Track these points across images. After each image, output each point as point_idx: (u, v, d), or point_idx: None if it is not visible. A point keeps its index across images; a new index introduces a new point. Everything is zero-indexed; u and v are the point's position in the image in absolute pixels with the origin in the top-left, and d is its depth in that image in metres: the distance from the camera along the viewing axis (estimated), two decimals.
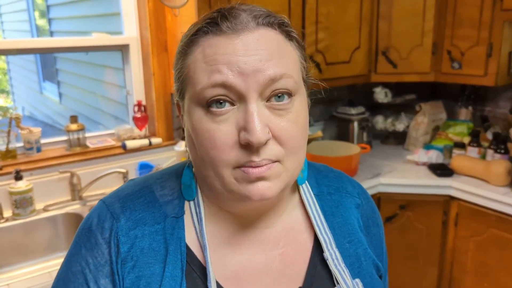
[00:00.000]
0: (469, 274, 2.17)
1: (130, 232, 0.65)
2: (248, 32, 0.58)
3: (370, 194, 2.16)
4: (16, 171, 1.75)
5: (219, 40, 0.58)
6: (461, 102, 2.69)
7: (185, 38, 0.63)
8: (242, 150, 0.58)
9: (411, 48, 2.37)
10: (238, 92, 0.57)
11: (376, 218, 0.81)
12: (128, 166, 2.02)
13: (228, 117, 0.58)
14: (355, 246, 0.72)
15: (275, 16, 0.61)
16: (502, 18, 2.10)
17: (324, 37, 2.16)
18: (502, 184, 2.08)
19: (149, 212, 0.66)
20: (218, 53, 0.57)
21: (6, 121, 1.86)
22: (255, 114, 0.56)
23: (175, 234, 0.65)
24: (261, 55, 0.57)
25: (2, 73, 6.52)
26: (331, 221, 0.73)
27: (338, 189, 0.77)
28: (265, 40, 0.58)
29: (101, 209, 0.67)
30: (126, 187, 0.70)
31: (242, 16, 0.59)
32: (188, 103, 0.61)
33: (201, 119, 0.59)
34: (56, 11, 4.12)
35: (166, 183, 0.70)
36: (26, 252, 1.76)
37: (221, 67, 0.57)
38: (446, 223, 2.22)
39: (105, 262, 0.64)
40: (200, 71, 0.58)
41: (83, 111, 3.65)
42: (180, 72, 0.62)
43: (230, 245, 0.68)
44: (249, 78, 0.56)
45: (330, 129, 2.69)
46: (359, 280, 0.69)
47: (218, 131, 0.58)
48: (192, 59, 0.60)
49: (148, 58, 2.08)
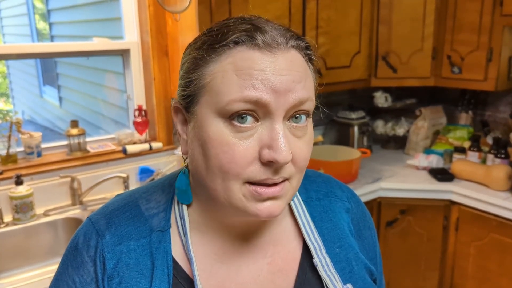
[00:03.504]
0: (470, 279, 2.17)
1: (116, 248, 0.64)
2: (282, 52, 0.58)
3: (371, 199, 2.18)
4: (17, 175, 1.75)
5: (253, 54, 0.56)
6: (461, 107, 2.69)
7: (204, 44, 0.60)
8: (260, 167, 0.57)
9: (411, 52, 2.38)
10: (268, 109, 0.56)
11: (367, 221, 0.81)
12: (129, 171, 2.02)
13: (252, 133, 0.57)
14: (346, 250, 0.72)
15: (303, 39, 0.61)
16: (502, 23, 2.11)
17: (324, 42, 2.17)
18: (503, 189, 2.08)
19: (134, 227, 0.66)
20: (253, 68, 0.56)
21: (6, 125, 1.87)
22: (282, 134, 0.57)
23: (161, 248, 0.65)
24: (294, 76, 0.57)
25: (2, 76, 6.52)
26: (320, 227, 0.73)
27: (326, 194, 0.77)
28: (297, 62, 0.59)
29: (87, 227, 0.68)
30: (112, 203, 0.70)
31: (273, 33, 0.58)
32: (203, 112, 0.59)
33: (221, 131, 0.57)
34: (56, 15, 4.13)
35: (152, 197, 0.70)
36: (26, 256, 1.76)
37: (256, 83, 0.55)
38: (447, 228, 2.22)
39: (91, 280, 0.64)
40: (230, 82, 0.56)
41: (83, 116, 3.64)
42: (198, 79, 0.59)
43: (218, 255, 0.67)
44: (280, 97, 0.56)
45: (330, 134, 2.69)
46: (351, 285, 0.69)
47: (239, 146, 0.57)
48: (218, 68, 0.58)
49: (149, 62, 2.08)
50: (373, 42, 2.39)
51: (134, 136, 2.14)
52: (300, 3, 2.04)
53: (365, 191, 2.16)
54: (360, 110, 2.64)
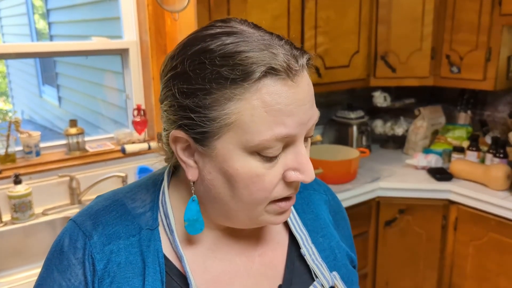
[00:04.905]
0: (468, 279, 2.17)
1: (105, 248, 0.63)
2: (300, 77, 0.57)
3: (369, 198, 2.19)
4: (15, 175, 1.75)
5: (280, 89, 0.55)
6: (460, 106, 2.69)
7: (221, 78, 0.55)
8: (284, 186, 0.61)
9: (410, 52, 2.38)
10: (293, 139, 0.58)
11: (343, 212, 0.85)
12: (127, 170, 2.02)
13: (277, 160, 0.59)
14: (328, 239, 0.75)
15: (306, 52, 0.60)
16: (501, 23, 2.11)
17: (323, 42, 2.17)
18: (501, 188, 2.08)
19: (123, 226, 0.65)
20: (281, 103, 0.55)
21: (5, 125, 1.86)
22: (306, 156, 0.60)
23: (152, 246, 0.64)
24: (310, 101, 0.59)
25: (2, 76, 6.52)
26: (303, 218, 0.76)
27: (305, 187, 0.80)
28: (310, 84, 0.60)
29: (72, 229, 0.66)
30: (96, 203, 0.69)
31: (285, 54, 0.56)
32: (226, 147, 0.57)
33: (250, 165, 0.57)
34: (56, 15, 4.13)
35: (137, 196, 0.69)
36: (25, 256, 1.76)
37: (285, 120, 0.56)
38: (446, 227, 2.22)
39: (79, 283, 0.63)
40: (259, 120, 0.55)
41: (82, 115, 3.64)
42: (221, 118, 0.56)
43: (211, 250, 0.68)
44: (304, 126, 0.58)
45: (329, 133, 2.70)
46: (336, 273, 0.72)
47: (268, 175, 0.58)
48: (245, 105, 0.55)
49: (148, 62, 2.08)
50: (372, 42, 2.39)
51: (133, 135, 2.14)
52: (299, 3, 2.04)
53: (364, 191, 2.16)
54: (359, 109, 2.64)
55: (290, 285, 0.69)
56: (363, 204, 2.18)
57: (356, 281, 0.76)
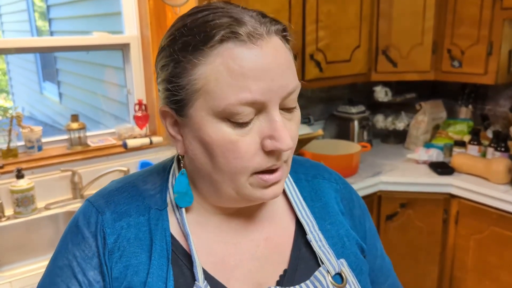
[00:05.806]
0: (470, 272, 2.17)
1: (116, 224, 0.67)
2: (266, 41, 0.58)
3: (371, 192, 2.19)
4: (18, 169, 1.75)
5: (242, 52, 0.56)
6: (461, 101, 2.69)
7: (187, 46, 0.58)
8: (264, 156, 0.61)
9: (411, 46, 2.38)
10: (263, 105, 0.59)
11: (358, 201, 0.83)
12: (129, 165, 2.02)
13: (251, 127, 0.59)
14: (337, 227, 0.75)
15: (279, 22, 0.62)
16: (502, 17, 2.10)
17: (324, 36, 2.16)
18: (503, 182, 2.08)
19: (133, 205, 0.69)
20: (244, 67, 0.56)
21: (7, 120, 1.87)
22: (281, 123, 0.59)
23: (160, 225, 0.67)
24: (282, 69, 0.59)
25: (2, 73, 6.51)
26: (311, 206, 0.75)
27: (315, 176, 0.80)
28: (280, 51, 0.60)
29: (86, 207, 0.70)
30: (110, 185, 0.73)
31: (253, 23, 0.58)
32: (199, 114, 0.59)
33: (222, 131, 0.59)
34: (56, 11, 4.12)
35: (148, 179, 0.72)
36: (27, 250, 1.76)
37: (250, 84, 0.57)
38: (447, 221, 2.22)
39: (92, 254, 0.66)
40: (224, 85, 0.57)
41: (83, 111, 3.64)
42: (189, 84, 0.59)
43: (216, 233, 0.70)
44: (273, 93, 0.58)
45: (330, 128, 2.70)
46: (344, 260, 0.71)
47: (242, 142, 0.59)
48: (209, 70, 0.57)
49: (149, 57, 2.08)
50: (373, 36, 2.39)
51: (134, 130, 2.14)
52: None
53: (365, 185, 2.16)
54: (360, 104, 2.64)
55: (296, 270, 0.69)
56: (364, 198, 2.17)
57: (365, 271, 0.75)
